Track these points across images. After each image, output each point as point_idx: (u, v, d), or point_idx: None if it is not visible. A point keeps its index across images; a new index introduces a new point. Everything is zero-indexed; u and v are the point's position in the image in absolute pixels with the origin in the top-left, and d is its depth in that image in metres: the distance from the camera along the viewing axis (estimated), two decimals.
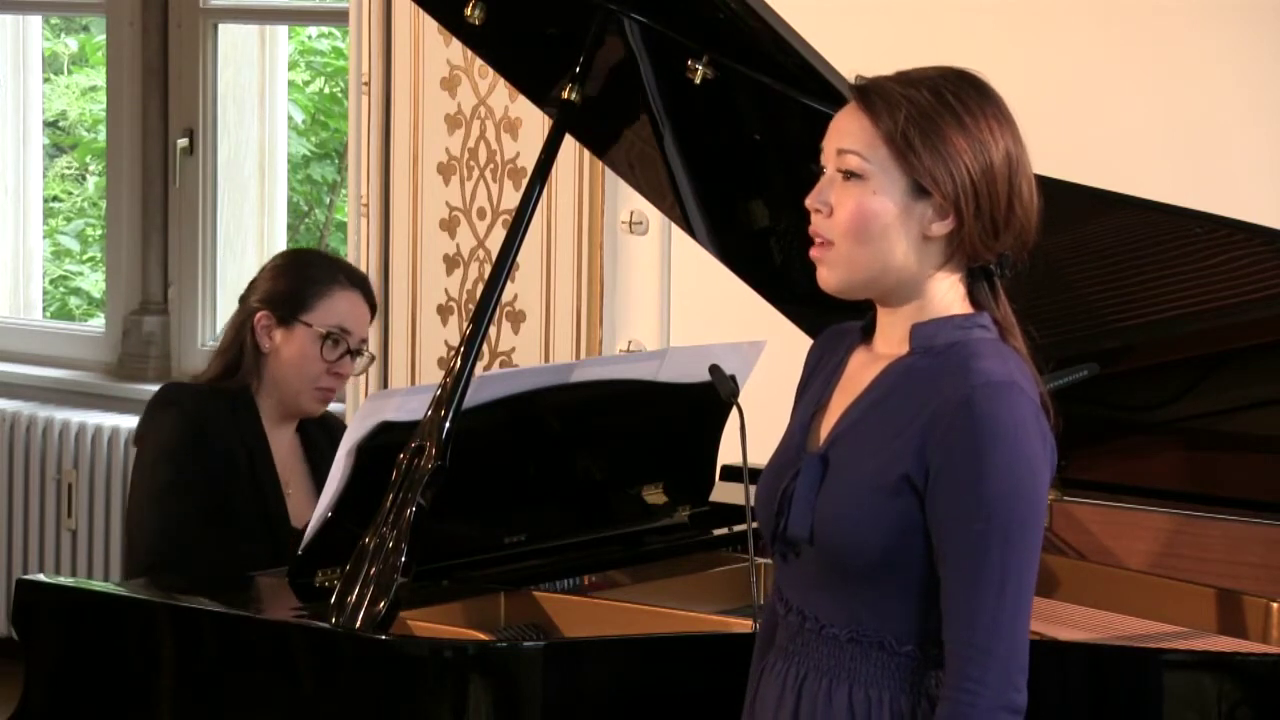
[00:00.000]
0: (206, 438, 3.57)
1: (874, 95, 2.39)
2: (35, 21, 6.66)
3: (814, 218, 2.43)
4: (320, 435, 3.78)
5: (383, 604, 2.91)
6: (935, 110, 2.37)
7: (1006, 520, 2.31)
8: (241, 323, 3.69)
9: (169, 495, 3.54)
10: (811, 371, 2.56)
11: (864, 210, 2.38)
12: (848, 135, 2.40)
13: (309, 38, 7.02)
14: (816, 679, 2.42)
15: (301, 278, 3.70)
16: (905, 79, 2.41)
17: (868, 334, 2.50)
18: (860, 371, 2.47)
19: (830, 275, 2.42)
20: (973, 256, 2.41)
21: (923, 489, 2.34)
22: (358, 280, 3.76)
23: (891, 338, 2.45)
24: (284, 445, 3.71)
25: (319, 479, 3.73)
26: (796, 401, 2.56)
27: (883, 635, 2.39)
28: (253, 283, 3.76)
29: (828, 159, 2.42)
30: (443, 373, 3.18)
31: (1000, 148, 2.39)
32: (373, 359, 3.86)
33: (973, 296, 2.44)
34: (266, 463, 3.64)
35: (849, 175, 2.39)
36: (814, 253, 2.44)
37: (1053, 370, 3.26)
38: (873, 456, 2.38)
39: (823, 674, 2.42)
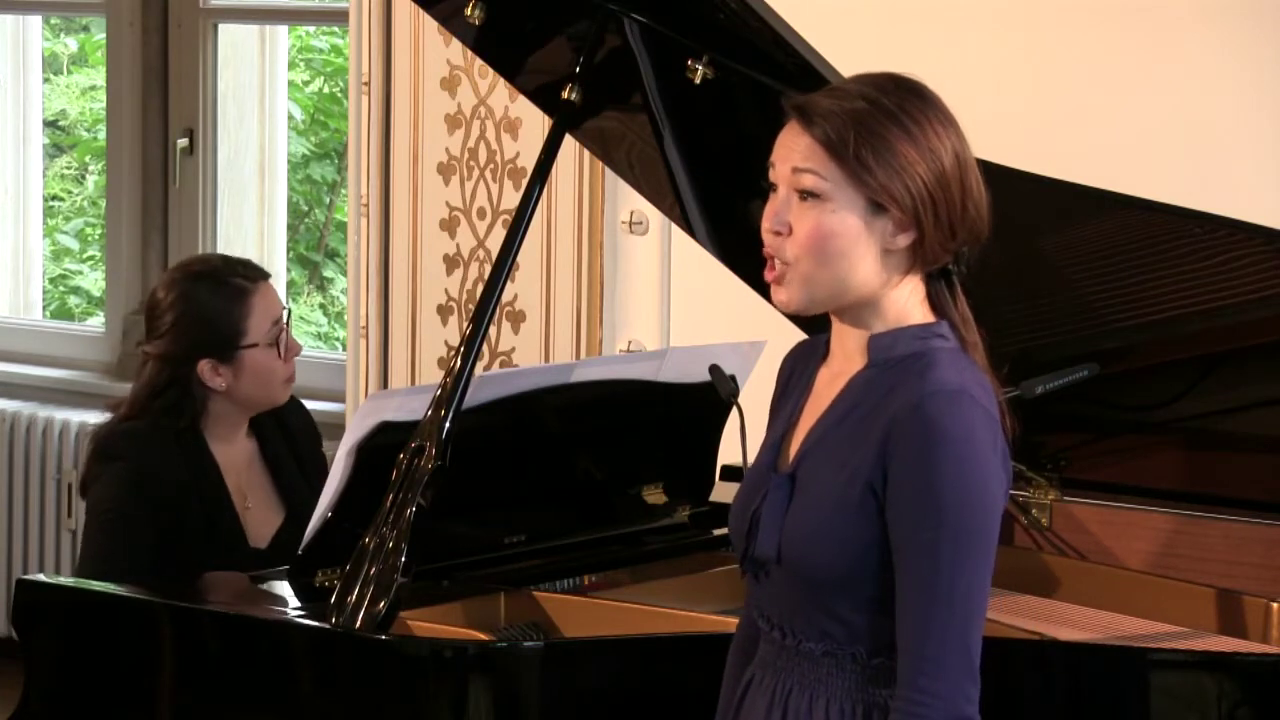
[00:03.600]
0: (151, 485, 3.55)
1: (817, 115, 2.36)
2: (35, 21, 6.66)
3: (771, 239, 2.40)
4: (270, 423, 3.76)
5: (383, 604, 2.91)
6: (882, 125, 2.35)
7: (956, 529, 2.30)
8: (171, 379, 3.62)
9: (118, 551, 3.53)
10: (784, 386, 2.55)
11: (824, 230, 2.36)
12: (799, 153, 2.37)
13: (308, 33, 7.01)
14: (800, 693, 2.43)
15: (212, 314, 3.63)
16: (845, 94, 2.38)
17: (830, 347, 2.49)
18: (826, 388, 2.47)
19: (789, 295, 2.40)
20: (932, 261, 2.40)
21: (883, 499, 2.34)
22: (249, 271, 3.70)
23: (850, 350, 2.44)
24: (238, 459, 3.70)
25: (280, 478, 3.73)
26: (771, 416, 2.55)
27: (854, 648, 2.39)
28: (155, 334, 3.66)
29: (780, 178, 2.39)
30: (443, 373, 3.18)
31: (949, 151, 2.37)
32: (289, 313, 3.80)
33: (932, 299, 2.43)
34: (218, 489, 3.63)
35: (806, 195, 2.37)
36: (769, 275, 2.41)
37: (1052, 370, 3.27)
38: (836, 473, 2.38)
39: (804, 689, 2.43)
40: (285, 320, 3.69)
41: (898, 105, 2.36)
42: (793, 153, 2.38)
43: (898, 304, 2.41)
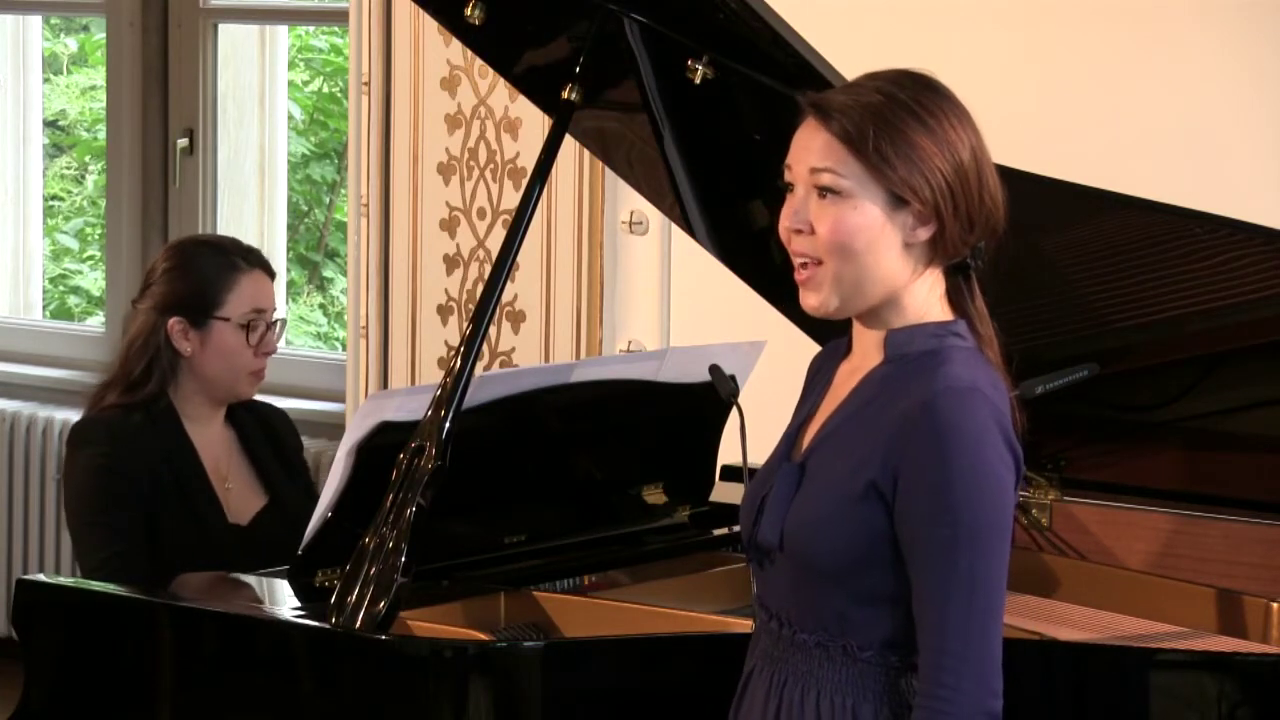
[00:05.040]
0: (122, 468, 3.57)
1: (834, 111, 2.38)
2: (35, 21, 6.66)
3: (794, 239, 2.42)
4: (250, 420, 3.78)
5: (383, 604, 2.91)
6: (899, 118, 2.37)
7: (973, 525, 2.31)
8: (150, 332, 3.66)
9: (94, 535, 3.56)
10: (809, 383, 2.57)
11: (846, 226, 2.37)
12: (817, 152, 2.39)
13: (308, 33, 7.01)
14: (794, 684, 2.44)
15: (200, 275, 3.68)
16: (861, 89, 2.40)
17: (851, 346, 2.51)
18: (843, 383, 2.49)
19: (817, 297, 2.41)
20: (951, 254, 2.41)
21: (890, 496, 2.35)
22: (252, 257, 3.74)
23: (869, 346, 2.46)
24: (215, 441, 3.71)
25: (259, 466, 3.74)
26: (795, 412, 2.56)
27: (845, 641, 2.40)
28: (147, 287, 3.72)
29: (798, 178, 2.41)
30: (443, 373, 3.18)
31: (965, 144, 2.39)
32: (284, 323, 3.83)
33: (951, 295, 2.44)
34: (194, 468, 3.64)
35: (825, 192, 2.38)
36: (799, 276, 2.43)
37: (1052, 370, 3.26)
38: (844, 465, 2.39)
39: (799, 680, 2.44)
40: (273, 323, 3.70)
41: (914, 99, 2.38)
42: (810, 151, 2.39)
43: (918, 300, 2.42)
